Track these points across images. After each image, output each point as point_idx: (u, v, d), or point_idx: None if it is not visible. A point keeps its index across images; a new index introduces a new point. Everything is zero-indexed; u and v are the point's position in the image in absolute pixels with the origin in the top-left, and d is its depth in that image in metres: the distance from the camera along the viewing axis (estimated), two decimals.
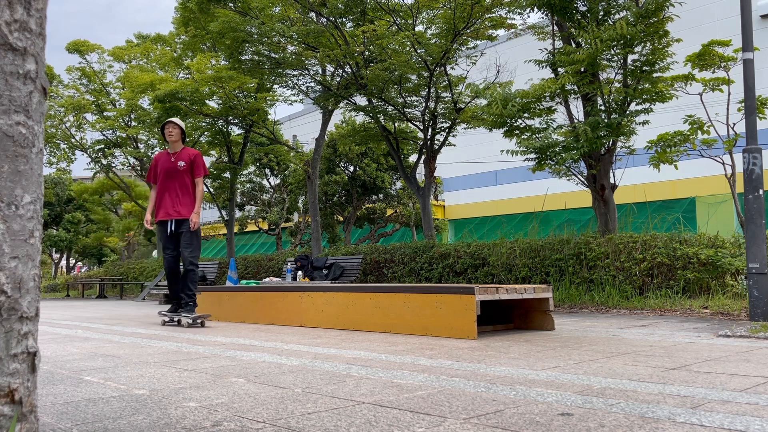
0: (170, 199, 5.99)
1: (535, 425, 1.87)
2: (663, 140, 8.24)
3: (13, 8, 1.29)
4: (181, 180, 6.00)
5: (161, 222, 6.07)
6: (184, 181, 6.02)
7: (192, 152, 6.10)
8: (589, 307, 7.52)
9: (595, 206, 8.87)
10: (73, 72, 20.27)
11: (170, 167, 6.01)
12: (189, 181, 6.04)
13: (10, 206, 1.26)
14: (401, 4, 11.73)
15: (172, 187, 5.99)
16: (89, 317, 8.02)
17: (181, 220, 5.97)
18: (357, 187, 20.27)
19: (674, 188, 19.97)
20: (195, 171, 6.05)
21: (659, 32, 7.94)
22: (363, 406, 2.19)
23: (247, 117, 15.39)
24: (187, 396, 2.42)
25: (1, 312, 1.23)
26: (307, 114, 33.96)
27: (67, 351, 4.09)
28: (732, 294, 6.90)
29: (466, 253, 9.67)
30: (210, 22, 13.36)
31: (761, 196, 5.49)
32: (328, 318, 5.60)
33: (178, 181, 5.99)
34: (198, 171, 6.05)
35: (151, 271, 17.44)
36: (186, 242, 5.91)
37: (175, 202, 5.98)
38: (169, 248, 6.04)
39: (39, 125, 1.35)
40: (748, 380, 2.57)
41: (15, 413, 1.24)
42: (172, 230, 5.96)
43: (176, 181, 5.99)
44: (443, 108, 12.27)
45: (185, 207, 5.99)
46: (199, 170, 6.05)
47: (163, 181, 6.03)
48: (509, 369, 2.97)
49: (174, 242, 6.04)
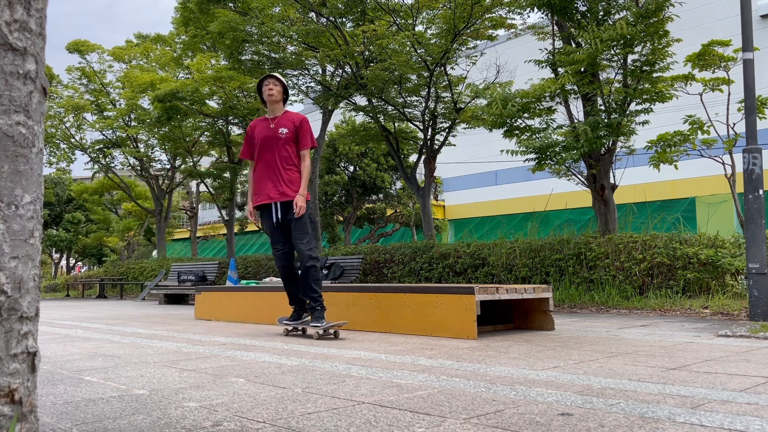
0: (271, 177, 4.72)
1: (535, 425, 1.87)
2: (663, 140, 8.24)
3: (13, 8, 1.29)
4: (283, 152, 4.73)
5: (263, 208, 4.81)
6: (288, 152, 4.74)
7: (296, 116, 4.83)
8: (589, 307, 7.52)
9: (595, 206, 8.87)
10: (73, 72, 20.28)
11: (269, 136, 4.75)
12: (293, 153, 4.76)
13: (10, 206, 1.26)
14: (401, 4, 11.73)
15: (272, 161, 4.72)
16: (89, 317, 8.02)
17: (288, 203, 4.69)
18: (357, 187, 20.27)
19: (674, 188, 19.97)
20: (301, 140, 4.77)
21: (659, 32, 7.95)
22: (363, 406, 2.19)
23: (247, 117, 15.39)
24: (187, 396, 2.42)
25: (1, 312, 1.23)
26: (307, 114, 33.95)
27: (67, 351, 4.09)
28: (732, 294, 6.90)
29: (466, 253, 9.67)
30: (210, 22, 13.36)
31: (761, 196, 5.49)
32: (328, 318, 5.59)
33: (280, 154, 4.72)
34: (305, 140, 4.77)
35: (151, 271, 17.45)
36: (299, 232, 4.62)
37: (278, 181, 4.69)
38: (279, 242, 4.77)
39: (39, 125, 1.35)
40: (748, 380, 2.57)
41: (15, 413, 1.24)
42: (279, 218, 4.69)
43: (277, 153, 4.72)
44: (443, 108, 12.27)
45: (292, 186, 4.69)
46: (305, 139, 4.77)
47: (262, 155, 4.77)
48: (509, 369, 2.97)
49: (283, 234, 4.76)
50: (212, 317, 7.11)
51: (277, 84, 4.83)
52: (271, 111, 4.87)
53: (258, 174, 4.79)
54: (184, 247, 36.08)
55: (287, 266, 4.82)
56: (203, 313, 7.27)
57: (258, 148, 4.78)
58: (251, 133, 4.89)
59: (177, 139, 17.98)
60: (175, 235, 33.76)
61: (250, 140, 4.90)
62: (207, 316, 7.20)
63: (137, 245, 29.72)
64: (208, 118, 16.20)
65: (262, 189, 4.75)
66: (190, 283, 12.42)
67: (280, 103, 4.85)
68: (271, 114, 4.87)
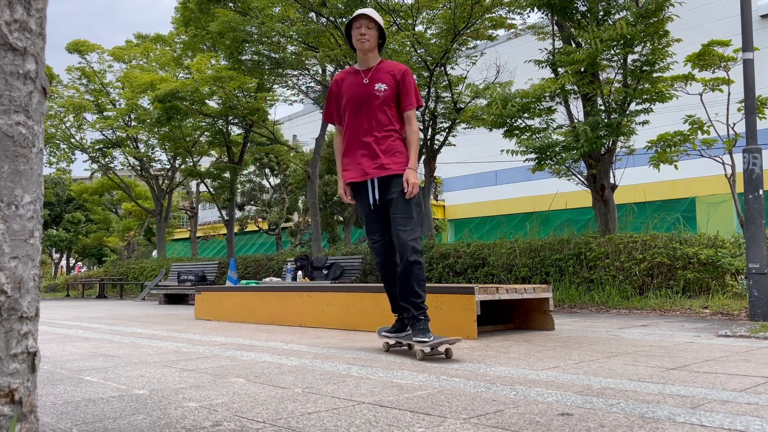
0: (366, 147, 3.63)
1: (535, 425, 1.87)
2: (663, 140, 8.24)
3: (13, 8, 1.29)
4: (380, 114, 3.62)
5: (357, 187, 3.71)
6: (387, 115, 3.63)
7: (396, 67, 3.70)
8: (589, 307, 7.52)
9: (595, 206, 8.87)
10: (73, 72, 20.28)
11: (362, 94, 3.64)
12: (394, 115, 3.66)
13: (10, 206, 1.26)
14: (401, 4, 11.74)
15: (367, 126, 3.64)
16: (89, 317, 8.02)
17: (389, 180, 3.59)
18: None
19: (674, 188, 19.97)
20: (404, 98, 3.66)
21: (659, 32, 7.95)
22: (363, 406, 2.19)
23: (247, 117, 15.40)
24: (187, 396, 2.42)
25: (1, 312, 1.23)
26: (307, 114, 33.98)
27: (67, 351, 4.09)
28: (732, 294, 6.90)
29: (466, 253, 9.67)
30: (210, 22, 13.37)
31: (761, 196, 5.49)
32: (328, 318, 5.60)
33: (377, 117, 3.62)
34: (409, 98, 3.65)
35: (151, 271, 17.45)
36: (402, 216, 3.52)
37: (375, 152, 3.60)
38: (376, 231, 3.71)
39: (39, 125, 1.35)
40: (748, 380, 2.57)
41: (15, 413, 1.24)
42: (377, 198, 3.63)
43: (373, 115, 3.62)
44: (443, 108, 12.28)
45: (393, 157, 3.60)
46: (410, 97, 3.66)
47: (353, 118, 3.68)
48: (509, 369, 2.97)
49: (382, 219, 3.69)
50: (212, 317, 7.11)
51: (372, 26, 3.64)
52: (362, 61, 3.72)
53: (348, 143, 3.72)
54: (184, 247, 36.10)
55: (389, 261, 3.73)
56: (203, 313, 7.28)
57: (347, 110, 3.70)
58: (337, 89, 3.79)
59: (177, 139, 17.99)
60: (175, 235, 33.79)
61: (336, 99, 3.81)
62: (207, 316, 7.20)
63: (137, 245, 29.73)
64: (208, 118, 16.21)
65: (355, 162, 3.67)
66: (190, 283, 12.42)
67: (375, 51, 3.70)
68: (363, 65, 3.72)
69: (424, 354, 3.42)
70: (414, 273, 3.49)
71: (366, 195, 3.67)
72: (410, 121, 3.66)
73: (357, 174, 3.66)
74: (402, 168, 3.58)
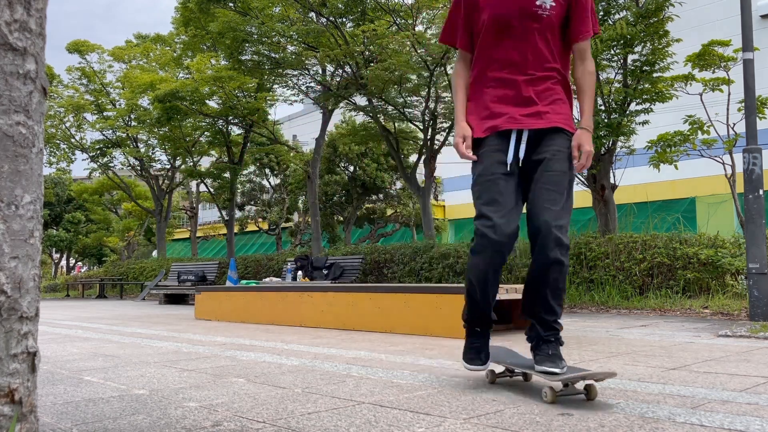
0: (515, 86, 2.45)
1: (535, 425, 1.87)
2: (663, 140, 8.24)
3: (13, 8, 1.29)
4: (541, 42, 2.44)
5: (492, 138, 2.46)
6: (550, 45, 2.46)
7: None
8: (589, 307, 7.52)
9: (595, 206, 8.87)
10: (73, 72, 20.27)
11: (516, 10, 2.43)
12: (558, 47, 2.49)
13: (10, 206, 1.26)
14: (401, 4, 11.74)
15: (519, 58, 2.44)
16: (89, 317, 8.02)
17: (544, 134, 2.43)
18: (357, 187, 20.27)
19: (674, 188, 19.97)
20: (578, 23, 2.48)
21: (659, 32, 7.95)
22: (363, 406, 2.19)
23: (247, 117, 15.40)
24: (187, 396, 2.42)
25: (1, 312, 1.23)
26: (307, 114, 33.96)
27: (67, 351, 4.09)
28: (732, 294, 6.90)
29: (466, 253, 9.67)
30: (210, 22, 13.37)
31: (761, 196, 5.49)
32: (328, 318, 5.60)
33: (535, 46, 2.44)
34: (584, 23, 2.48)
35: (151, 271, 17.44)
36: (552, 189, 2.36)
37: (529, 94, 2.43)
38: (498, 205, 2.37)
39: (39, 125, 1.35)
40: (748, 380, 2.57)
41: (15, 413, 1.24)
42: (521, 158, 2.43)
43: (530, 44, 2.44)
44: (443, 108, 12.27)
45: (555, 105, 2.45)
46: (586, 21, 2.48)
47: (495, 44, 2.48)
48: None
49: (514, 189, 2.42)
50: (212, 317, 7.11)
51: None
52: None
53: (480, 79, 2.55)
54: (184, 247, 36.09)
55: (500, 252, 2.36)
56: (203, 313, 7.28)
57: (488, 31, 2.48)
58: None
59: (177, 139, 17.98)
60: (175, 235, 33.76)
61: (468, 11, 2.57)
62: (207, 316, 7.20)
63: (137, 245, 29.71)
64: (208, 118, 16.20)
65: (494, 104, 2.48)
66: (190, 283, 12.42)
67: None
68: None
69: (554, 393, 2.22)
70: (552, 277, 2.34)
71: (499, 151, 2.43)
72: (584, 56, 2.51)
73: (500, 120, 2.44)
74: (566, 122, 2.45)
